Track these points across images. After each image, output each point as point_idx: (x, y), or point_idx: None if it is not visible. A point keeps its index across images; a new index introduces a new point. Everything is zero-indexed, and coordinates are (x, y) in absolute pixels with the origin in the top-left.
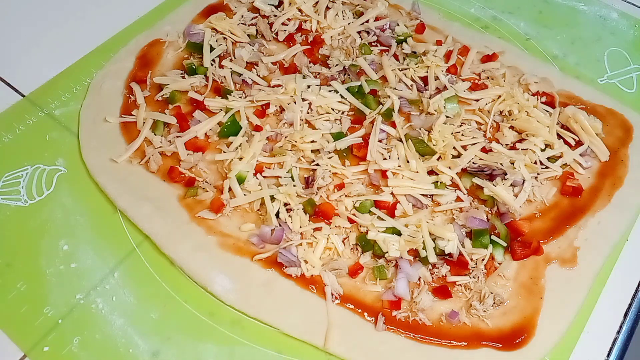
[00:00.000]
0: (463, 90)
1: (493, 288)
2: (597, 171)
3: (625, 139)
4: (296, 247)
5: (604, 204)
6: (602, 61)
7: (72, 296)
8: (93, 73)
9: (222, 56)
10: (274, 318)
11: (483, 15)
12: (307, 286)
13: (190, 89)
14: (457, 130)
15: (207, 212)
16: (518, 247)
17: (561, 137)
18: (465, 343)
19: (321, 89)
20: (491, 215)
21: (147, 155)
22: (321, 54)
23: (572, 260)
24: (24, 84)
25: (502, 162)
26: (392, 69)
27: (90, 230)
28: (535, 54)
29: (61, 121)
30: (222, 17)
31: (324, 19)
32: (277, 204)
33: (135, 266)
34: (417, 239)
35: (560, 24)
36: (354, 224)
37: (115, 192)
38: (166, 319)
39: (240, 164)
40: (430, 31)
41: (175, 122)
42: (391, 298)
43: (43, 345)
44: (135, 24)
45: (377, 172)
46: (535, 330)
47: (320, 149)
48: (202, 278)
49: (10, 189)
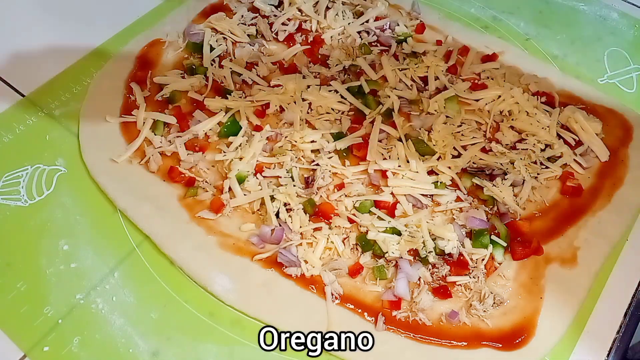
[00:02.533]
0: (463, 90)
1: (493, 288)
2: (597, 171)
3: (625, 139)
4: (296, 247)
5: (604, 204)
6: (602, 61)
7: (72, 296)
8: (93, 73)
9: (222, 56)
10: (274, 318)
11: (483, 15)
12: (307, 286)
13: (190, 89)
14: (457, 130)
15: (207, 212)
16: (518, 247)
17: (561, 137)
18: (465, 343)
19: (321, 89)
20: (491, 215)
21: (147, 155)
22: (321, 54)
23: (572, 260)
24: (24, 84)
25: (502, 162)
26: (392, 69)
27: (90, 230)
28: (535, 54)
29: (61, 121)
30: (222, 17)
31: (324, 19)
32: (277, 204)
33: (135, 266)
34: (417, 239)
35: (560, 24)
36: (354, 224)
37: (115, 192)
38: (166, 319)
39: (240, 164)
40: (430, 31)
41: (175, 122)
42: (391, 298)
43: (43, 345)
44: (135, 24)
45: (377, 172)
46: (535, 330)
47: (320, 149)
48: (202, 278)
49: (10, 189)
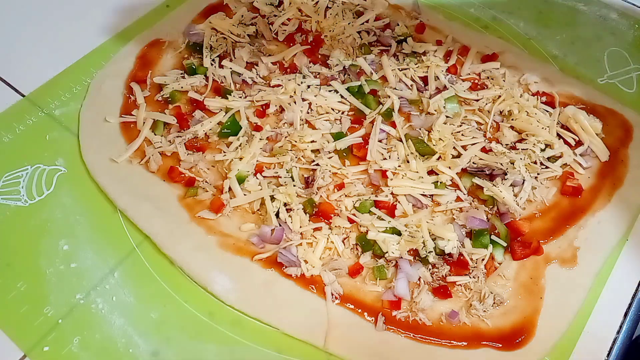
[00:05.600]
0: (463, 90)
1: (493, 288)
2: (597, 171)
3: (625, 139)
4: (296, 247)
5: (604, 204)
6: (602, 61)
7: (72, 296)
8: (93, 73)
9: (222, 56)
10: (274, 318)
11: (483, 15)
12: (307, 286)
13: (190, 89)
14: (457, 130)
15: (207, 212)
16: (518, 247)
17: (561, 137)
18: (465, 343)
19: (321, 89)
20: (491, 215)
21: (147, 155)
22: (321, 54)
23: (572, 260)
24: (24, 84)
25: (502, 162)
26: (392, 69)
27: (90, 230)
28: (535, 54)
29: (61, 121)
30: (222, 17)
31: (324, 19)
32: (277, 204)
33: (135, 266)
34: (417, 239)
35: (560, 24)
36: (354, 224)
37: (115, 192)
38: (166, 319)
39: (240, 164)
40: (430, 31)
41: (175, 122)
42: (391, 298)
43: (43, 345)
44: (135, 24)
45: (377, 172)
46: (535, 330)
47: (320, 149)
48: (202, 278)
49: (10, 189)
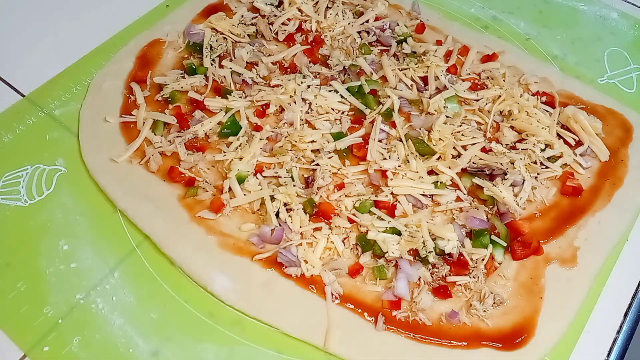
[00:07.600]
0: (463, 90)
1: (493, 288)
2: (597, 171)
3: (625, 139)
4: (296, 247)
5: (604, 204)
6: (602, 61)
7: (72, 296)
8: (93, 73)
9: (222, 56)
10: (274, 318)
11: (483, 15)
12: (307, 286)
13: (190, 89)
14: (457, 130)
15: (207, 212)
16: (518, 247)
17: (561, 137)
18: (465, 343)
19: (321, 89)
20: (491, 215)
21: (147, 155)
22: (321, 54)
23: (572, 260)
24: (24, 84)
25: (502, 162)
26: (392, 69)
27: (90, 230)
28: (535, 54)
29: (61, 121)
30: (222, 17)
31: (324, 19)
32: (277, 204)
33: (135, 266)
34: (417, 239)
35: (560, 24)
36: (354, 224)
37: (115, 192)
38: (166, 319)
39: (240, 164)
40: (430, 31)
41: (175, 122)
42: (391, 298)
43: (43, 345)
44: (135, 24)
45: (377, 172)
46: (535, 330)
47: (320, 149)
48: (202, 278)
49: (10, 189)
